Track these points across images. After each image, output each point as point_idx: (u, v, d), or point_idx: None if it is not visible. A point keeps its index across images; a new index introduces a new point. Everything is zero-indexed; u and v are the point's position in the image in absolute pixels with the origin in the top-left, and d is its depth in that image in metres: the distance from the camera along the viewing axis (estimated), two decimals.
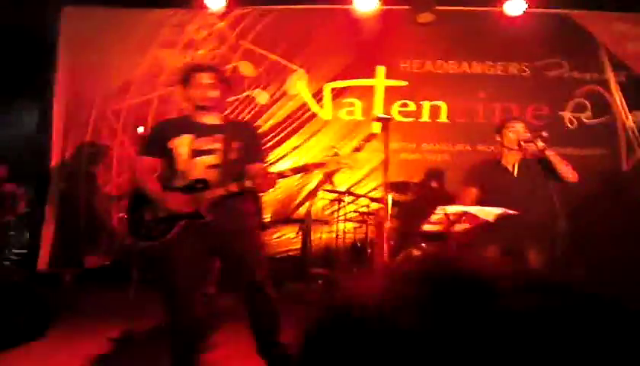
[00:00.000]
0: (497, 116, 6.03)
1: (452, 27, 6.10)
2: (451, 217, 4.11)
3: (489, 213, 3.92)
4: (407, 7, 5.99)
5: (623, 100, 6.17)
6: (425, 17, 6.07)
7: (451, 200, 4.90)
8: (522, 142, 3.73)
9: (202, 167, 2.88)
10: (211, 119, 2.96)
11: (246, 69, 6.14)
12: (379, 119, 3.73)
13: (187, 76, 2.94)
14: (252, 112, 5.98)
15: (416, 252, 4.91)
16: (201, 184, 2.86)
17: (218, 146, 2.90)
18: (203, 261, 2.99)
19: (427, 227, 4.28)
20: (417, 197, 5.48)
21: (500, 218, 3.66)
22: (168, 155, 2.93)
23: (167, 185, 2.94)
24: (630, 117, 6.16)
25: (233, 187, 2.81)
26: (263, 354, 2.93)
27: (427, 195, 5.53)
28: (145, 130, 5.58)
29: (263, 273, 2.93)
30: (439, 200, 5.14)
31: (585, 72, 6.25)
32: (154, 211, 2.92)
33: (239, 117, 5.78)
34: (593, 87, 6.24)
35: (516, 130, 3.76)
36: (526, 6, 5.89)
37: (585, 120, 6.18)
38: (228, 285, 3.27)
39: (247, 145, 2.97)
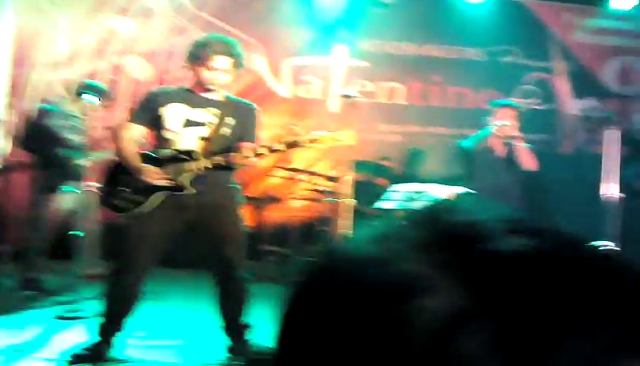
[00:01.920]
0: (450, 99, 6.38)
1: (411, 10, 6.35)
2: (407, 195, 4.41)
3: (444, 191, 4.23)
4: None
5: (569, 88, 6.66)
6: None
7: (405, 180, 5.23)
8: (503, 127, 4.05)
9: (192, 138, 2.89)
10: (211, 94, 2.93)
11: None
12: (344, 96, 3.79)
13: (204, 54, 2.82)
14: None
15: None
16: (186, 156, 2.87)
17: (212, 119, 2.90)
18: (173, 237, 3.00)
19: (381, 204, 4.57)
20: (374, 176, 5.75)
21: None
22: (158, 123, 2.91)
23: (153, 154, 2.95)
24: (575, 104, 6.66)
25: (219, 160, 2.82)
26: (228, 334, 2.99)
27: (382, 175, 5.82)
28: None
29: (239, 252, 2.96)
30: (394, 179, 5.46)
31: (534, 60, 6.68)
32: (131, 182, 2.90)
33: None
34: (541, 74, 6.69)
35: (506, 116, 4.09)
36: None
37: (532, 107, 6.62)
38: (201, 261, 3.28)
39: (242, 123, 2.95)
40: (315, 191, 5.38)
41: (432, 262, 0.35)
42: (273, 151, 2.91)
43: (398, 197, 4.47)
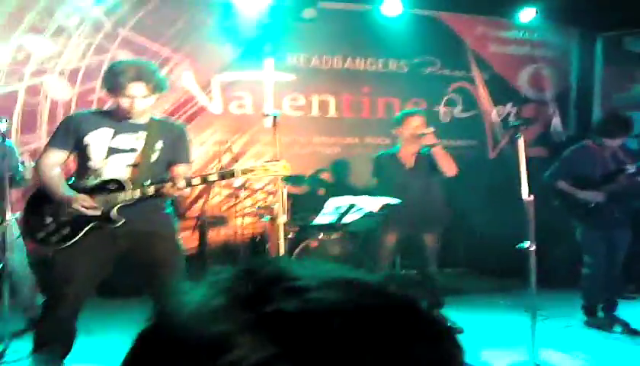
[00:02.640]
0: (380, 110, 6.61)
1: (335, 24, 6.54)
2: (340, 209, 4.48)
3: (374, 203, 4.36)
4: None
5: (488, 95, 7.10)
6: (310, 13, 6.43)
7: (342, 192, 5.33)
8: (419, 136, 4.19)
9: (119, 166, 2.79)
10: (135, 119, 2.84)
11: (124, 58, 6.00)
12: (267, 115, 3.82)
13: (117, 83, 2.71)
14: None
15: (313, 244, 5.24)
16: (114, 185, 2.78)
17: (138, 144, 2.81)
18: (105, 270, 2.89)
19: (317, 220, 4.63)
20: (311, 190, 5.82)
21: (390, 207, 4.14)
22: (81, 151, 2.80)
23: (77, 184, 2.83)
24: (494, 111, 7.11)
25: (150, 190, 2.74)
26: None
27: (320, 188, 5.91)
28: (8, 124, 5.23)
29: (180, 279, 2.89)
30: (331, 191, 5.55)
31: (455, 70, 7.07)
32: (56, 212, 2.77)
33: None
34: (462, 84, 7.09)
35: (416, 125, 4.21)
36: (402, 8, 6.49)
37: (457, 115, 7.00)
38: (142, 292, 3.16)
39: (172, 145, 2.89)
40: (257, 207, 5.37)
41: (242, 321, 0.41)
42: (206, 182, 2.87)
43: (329, 212, 4.54)
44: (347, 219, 4.62)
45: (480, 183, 6.15)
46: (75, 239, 2.75)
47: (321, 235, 5.38)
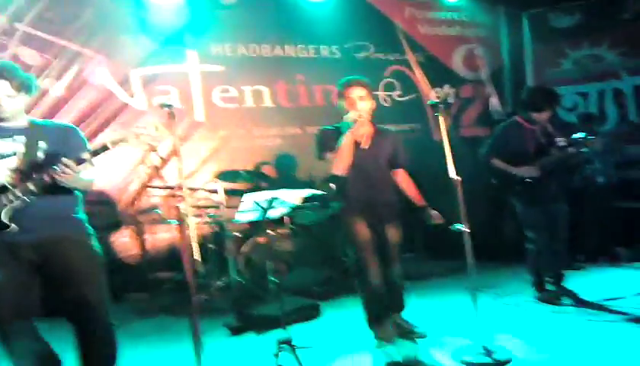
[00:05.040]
0: (318, 98, 6.49)
1: (258, 11, 6.37)
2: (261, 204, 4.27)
3: (296, 195, 4.24)
4: None
5: (425, 78, 7.19)
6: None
7: (287, 185, 5.14)
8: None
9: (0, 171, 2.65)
10: (11, 122, 2.74)
11: (29, 56, 5.53)
12: (162, 105, 3.62)
13: None
14: (47, 106, 5.40)
15: (261, 240, 5.03)
16: None
17: (19, 148, 2.69)
18: (24, 287, 2.68)
19: (238, 217, 4.40)
20: (253, 186, 5.58)
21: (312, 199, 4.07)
22: None
23: None
24: (432, 92, 7.20)
25: (31, 186, 2.59)
26: None
27: (262, 182, 5.68)
28: None
29: (97, 292, 2.73)
30: (274, 185, 5.36)
31: (389, 54, 7.11)
32: None
33: (30, 113, 5.18)
34: (398, 67, 7.14)
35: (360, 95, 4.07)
36: None
37: (397, 98, 7.03)
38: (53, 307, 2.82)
39: (60, 143, 2.76)
40: (198, 206, 5.07)
41: None
42: (82, 162, 2.62)
43: (249, 208, 4.34)
44: (272, 214, 4.43)
45: (427, 166, 6.15)
46: None
47: (269, 231, 5.19)
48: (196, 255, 4.83)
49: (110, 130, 5.51)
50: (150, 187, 5.16)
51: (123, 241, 5.28)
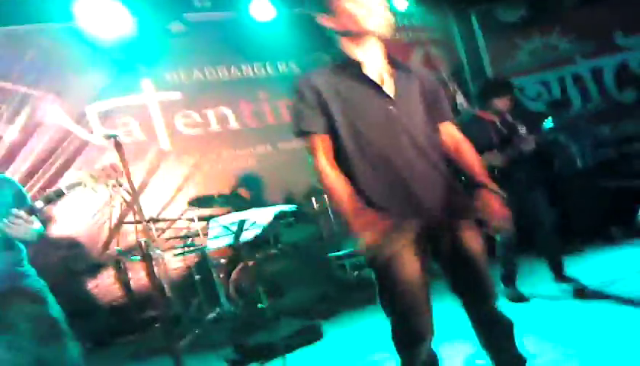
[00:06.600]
0: (284, 114, 6.47)
1: (208, 35, 6.39)
2: (232, 226, 4.20)
3: (264, 214, 4.22)
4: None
5: None
6: (177, 27, 6.21)
7: (265, 204, 5.09)
8: None
9: None
10: None
11: None
12: (106, 136, 3.50)
13: None
14: (2, 152, 5.18)
15: (249, 264, 4.95)
16: None
17: None
18: None
19: (210, 244, 4.33)
20: (227, 210, 5.48)
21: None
22: None
23: None
24: None
25: None
26: None
27: (238, 205, 5.59)
28: None
29: (57, 352, 2.54)
30: (249, 207, 5.28)
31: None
32: None
33: None
34: None
35: None
36: (274, 10, 6.43)
37: None
38: None
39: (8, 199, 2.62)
40: (178, 237, 4.95)
41: None
42: (33, 211, 2.52)
43: (219, 233, 4.28)
44: (245, 237, 4.37)
45: None
46: None
47: (257, 254, 5.12)
48: (168, 292, 4.71)
49: (74, 169, 5.34)
50: (123, 223, 4.98)
51: (107, 283, 5.08)
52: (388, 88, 2.09)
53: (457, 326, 3.28)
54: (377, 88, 2.07)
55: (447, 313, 2.43)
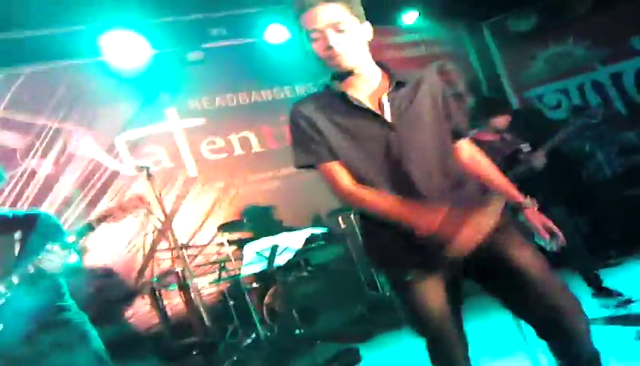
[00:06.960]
0: None
1: (226, 63, 6.59)
2: (264, 253, 4.30)
3: (296, 238, 4.30)
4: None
5: None
6: (195, 55, 6.39)
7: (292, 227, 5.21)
8: None
9: None
10: None
11: (11, 140, 5.54)
12: (138, 167, 3.51)
13: None
14: (38, 185, 5.38)
15: (281, 288, 5.03)
16: None
17: None
18: None
19: (245, 270, 4.42)
20: (258, 233, 5.61)
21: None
22: None
23: None
24: None
25: (15, 279, 2.49)
26: None
27: (267, 227, 5.72)
28: None
29: None
30: (278, 229, 5.40)
31: None
32: None
33: (23, 196, 5.20)
34: None
35: None
36: (288, 33, 6.57)
37: None
38: None
39: (35, 234, 2.69)
40: (211, 263, 5.09)
41: None
42: (66, 247, 2.58)
43: (253, 260, 4.38)
44: (278, 262, 4.49)
45: None
46: None
47: (289, 277, 5.21)
48: (205, 318, 4.81)
49: (106, 199, 5.52)
50: (156, 251, 5.14)
51: (143, 311, 5.25)
52: (388, 112, 1.94)
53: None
54: (373, 115, 1.94)
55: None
